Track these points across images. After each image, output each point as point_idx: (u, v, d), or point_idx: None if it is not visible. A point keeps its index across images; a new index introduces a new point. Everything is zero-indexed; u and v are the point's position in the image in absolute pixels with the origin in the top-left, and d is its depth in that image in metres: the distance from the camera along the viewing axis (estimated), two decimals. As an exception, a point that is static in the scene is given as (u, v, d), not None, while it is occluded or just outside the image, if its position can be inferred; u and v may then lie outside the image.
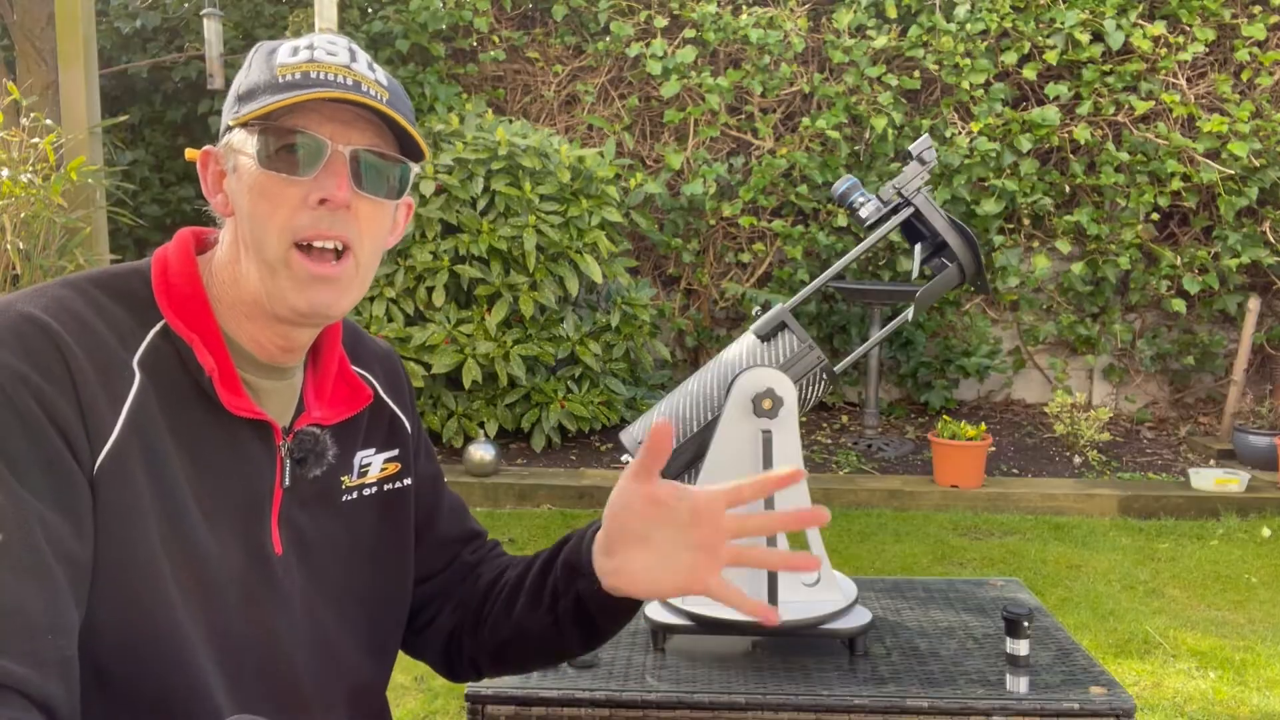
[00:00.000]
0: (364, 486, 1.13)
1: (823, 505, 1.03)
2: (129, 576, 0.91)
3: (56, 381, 0.89)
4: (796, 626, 1.48)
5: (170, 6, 7.21)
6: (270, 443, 1.04)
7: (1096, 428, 5.66)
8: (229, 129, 1.01)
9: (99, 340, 0.94)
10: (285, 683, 1.03)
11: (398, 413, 1.19)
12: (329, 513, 1.10)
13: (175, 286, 1.01)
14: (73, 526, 0.88)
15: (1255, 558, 4.42)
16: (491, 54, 6.62)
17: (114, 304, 0.98)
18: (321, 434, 1.08)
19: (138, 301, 0.99)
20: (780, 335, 1.55)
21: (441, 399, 5.52)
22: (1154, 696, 3.13)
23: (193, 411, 0.98)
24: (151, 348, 0.97)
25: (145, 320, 0.98)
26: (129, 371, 0.95)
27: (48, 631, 0.84)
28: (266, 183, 0.97)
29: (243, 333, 1.03)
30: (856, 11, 6.40)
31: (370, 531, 1.13)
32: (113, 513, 0.91)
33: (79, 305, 0.95)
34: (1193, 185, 6.16)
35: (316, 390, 1.10)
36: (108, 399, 0.92)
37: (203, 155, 1.04)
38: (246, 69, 1.01)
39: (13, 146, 4.65)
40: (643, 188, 6.26)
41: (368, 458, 1.14)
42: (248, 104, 0.98)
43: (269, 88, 0.97)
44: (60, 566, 0.86)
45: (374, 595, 1.13)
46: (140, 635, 0.92)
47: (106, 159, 5.70)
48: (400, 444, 1.18)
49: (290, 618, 1.03)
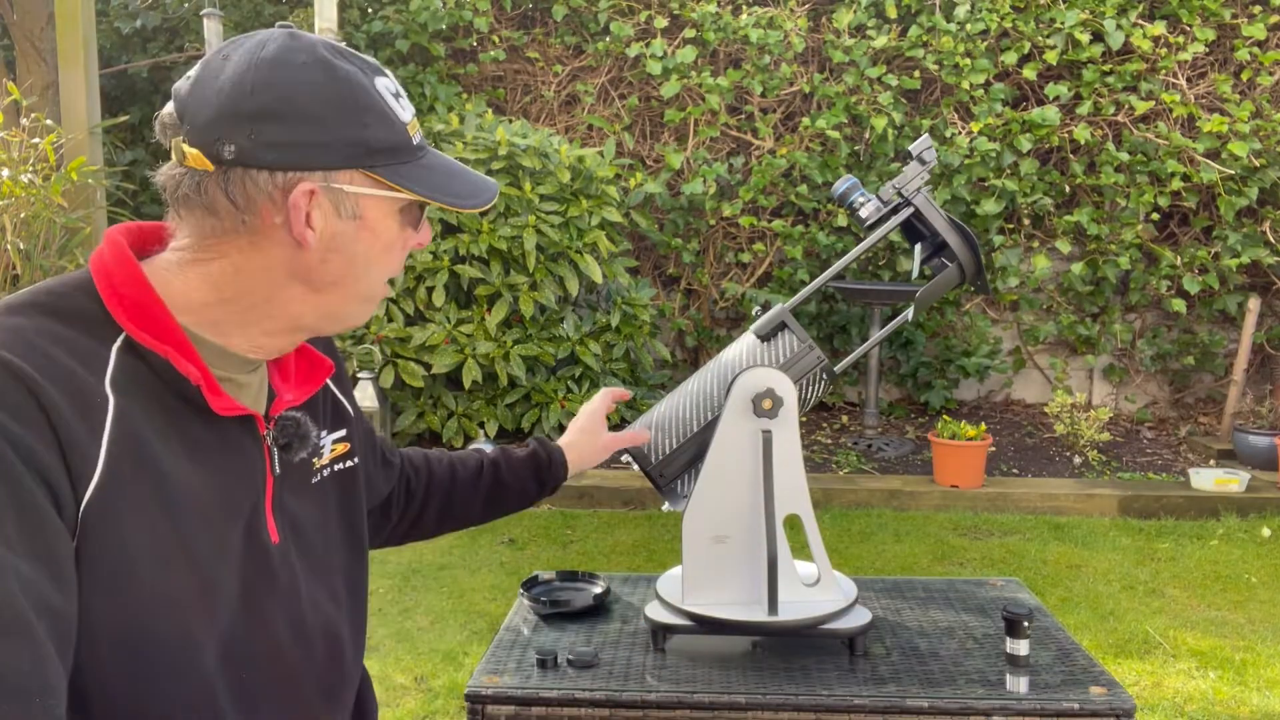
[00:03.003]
0: (323, 468, 1.16)
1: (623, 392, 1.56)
2: (136, 605, 0.90)
3: (32, 424, 0.84)
4: (796, 626, 1.48)
5: (170, 6, 7.21)
6: (255, 434, 1.04)
7: (1096, 428, 5.66)
8: (335, 168, 0.96)
9: (64, 371, 0.89)
10: (285, 667, 1.04)
11: (337, 393, 1.22)
12: (306, 495, 1.12)
13: (128, 297, 0.95)
14: (50, 576, 0.83)
15: (1255, 558, 4.42)
16: (491, 54, 6.62)
17: (67, 328, 0.92)
18: (301, 416, 1.08)
19: (91, 320, 0.94)
20: (780, 335, 1.55)
21: (441, 399, 5.52)
22: (1154, 696, 3.13)
23: (177, 420, 0.96)
24: (119, 366, 0.93)
25: (103, 337, 0.94)
26: (101, 397, 0.90)
27: (36, 694, 0.80)
28: (399, 238, 1.04)
29: (216, 335, 1.00)
30: (856, 11, 6.40)
31: (334, 510, 1.16)
32: (108, 542, 0.88)
33: (34, 336, 0.90)
34: (1193, 185, 6.16)
35: (281, 373, 1.10)
36: (87, 431, 0.88)
37: (308, 193, 0.96)
38: (356, 109, 0.96)
39: (13, 146, 4.66)
40: (643, 188, 6.27)
41: (323, 439, 1.17)
42: (389, 160, 0.99)
43: (405, 149, 1.00)
44: (41, 620, 0.82)
45: (347, 570, 1.17)
46: (152, 658, 0.91)
47: (106, 159, 5.70)
48: (345, 424, 1.21)
49: (290, 602, 1.05)
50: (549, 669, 1.46)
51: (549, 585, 1.79)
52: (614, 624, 1.65)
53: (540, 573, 1.80)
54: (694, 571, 1.52)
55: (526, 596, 1.72)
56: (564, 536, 4.62)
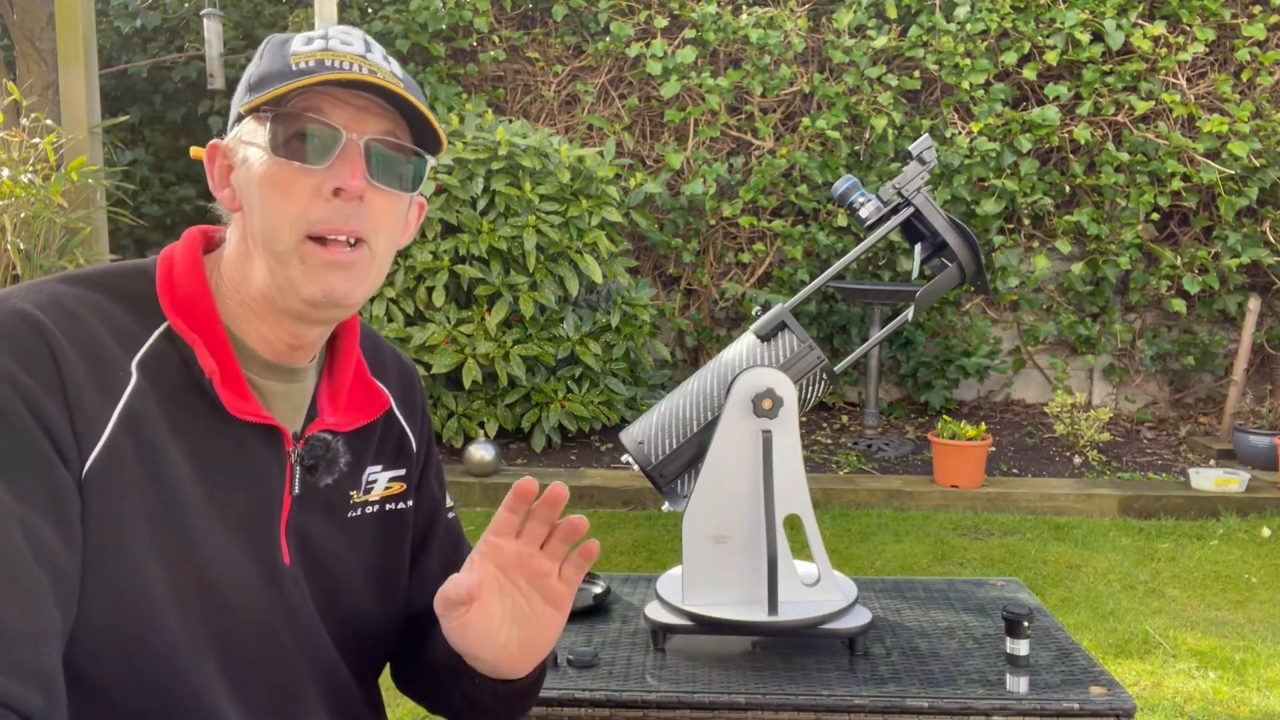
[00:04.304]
0: (368, 504, 1.09)
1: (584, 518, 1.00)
2: (119, 583, 0.88)
3: (44, 380, 0.85)
4: (796, 626, 1.48)
5: (170, 6, 7.21)
6: (280, 448, 1.00)
7: (1096, 428, 5.66)
8: (239, 119, 0.97)
9: (93, 338, 0.90)
10: (289, 696, 1.00)
11: (408, 431, 1.15)
12: (335, 526, 1.05)
13: (180, 286, 0.97)
14: (58, 530, 0.84)
15: (1255, 558, 4.41)
16: (491, 54, 6.62)
17: (113, 304, 0.94)
18: (334, 441, 1.03)
19: (140, 302, 0.96)
20: (780, 335, 1.55)
21: (441, 399, 5.52)
22: (1154, 696, 3.13)
23: (197, 415, 0.94)
24: (153, 350, 0.94)
25: (148, 322, 0.95)
26: (124, 372, 0.91)
27: (28, 640, 0.80)
28: (278, 173, 0.93)
29: (251, 332, 0.99)
30: (856, 11, 6.39)
31: (371, 550, 1.09)
32: (103, 516, 0.87)
33: (74, 303, 0.91)
34: (1193, 185, 6.16)
35: (331, 395, 1.06)
36: (99, 399, 0.88)
37: (210, 149, 1.00)
38: (258, 59, 0.97)
39: (13, 146, 4.65)
40: (643, 188, 6.27)
41: (375, 474, 1.10)
42: (258, 92, 0.93)
43: (281, 75, 0.93)
44: (43, 571, 0.82)
45: (373, 615, 1.10)
46: (134, 644, 0.89)
47: (106, 159, 5.70)
48: (407, 464, 1.14)
49: (296, 631, 1.00)
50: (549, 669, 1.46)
51: (549, 585, 1.78)
52: (614, 624, 1.65)
53: (540, 573, 1.79)
54: (694, 571, 1.52)
55: (526, 596, 1.72)
56: (564, 536, 4.62)
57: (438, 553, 1.19)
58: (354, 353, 1.08)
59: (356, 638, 1.08)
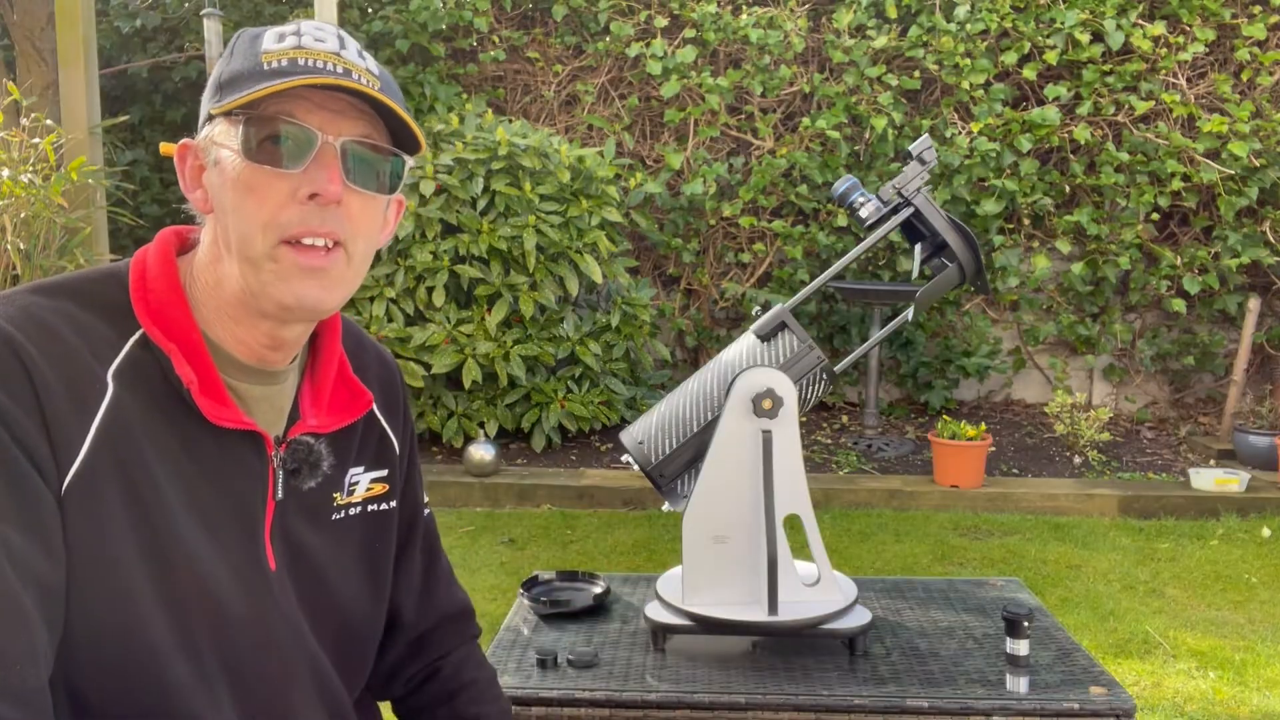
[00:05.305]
0: (351, 505, 1.09)
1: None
2: (105, 596, 0.87)
3: (18, 396, 0.84)
4: (796, 626, 1.48)
5: (170, 6, 7.21)
6: (262, 453, 0.99)
7: (1096, 428, 5.66)
8: (209, 119, 0.94)
9: (66, 351, 0.88)
10: (278, 700, 1.00)
11: (389, 432, 1.14)
12: (320, 529, 1.05)
13: (153, 292, 0.95)
14: (40, 546, 0.83)
15: (1255, 558, 4.41)
16: (491, 54, 6.62)
17: (87, 313, 0.92)
18: (316, 443, 1.03)
19: (114, 310, 0.94)
20: (780, 335, 1.55)
21: (441, 399, 5.52)
22: (1154, 696, 3.13)
23: (176, 423, 0.93)
24: (130, 359, 0.92)
25: (123, 330, 0.93)
26: (100, 384, 0.89)
27: (14, 662, 0.79)
28: (251, 176, 0.90)
29: (228, 336, 0.97)
30: (856, 11, 6.39)
31: (354, 552, 1.09)
32: (85, 531, 0.86)
33: (46, 314, 0.89)
34: (1193, 185, 6.16)
35: (313, 396, 1.05)
36: (75, 413, 0.87)
37: (180, 148, 0.98)
38: (228, 57, 0.94)
39: (13, 146, 4.65)
40: (643, 188, 6.27)
41: (357, 475, 1.10)
42: (230, 93, 0.90)
43: (253, 75, 0.90)
44: (28, 589, 0.81)
45: (360, 617, 1.10)
46: (122, 655, 0.88)
47: (106, 159, 5.70)
48: (389, 464, 1.14)
49: (284, 635, 1.00)
50: (549, 669, 1.46)
51: (549, 585, 1.79)
52: (614, 624, 1.65)
53: (540, 573, 1.80)
54: (694, 571, 1.52)
55: (526, 596, 1.72)
56: (564, 536, 4.62)
57: (418, 553, 1.20)
58: (336, 351, 1.07)
59: (344, 640, 1.08)
